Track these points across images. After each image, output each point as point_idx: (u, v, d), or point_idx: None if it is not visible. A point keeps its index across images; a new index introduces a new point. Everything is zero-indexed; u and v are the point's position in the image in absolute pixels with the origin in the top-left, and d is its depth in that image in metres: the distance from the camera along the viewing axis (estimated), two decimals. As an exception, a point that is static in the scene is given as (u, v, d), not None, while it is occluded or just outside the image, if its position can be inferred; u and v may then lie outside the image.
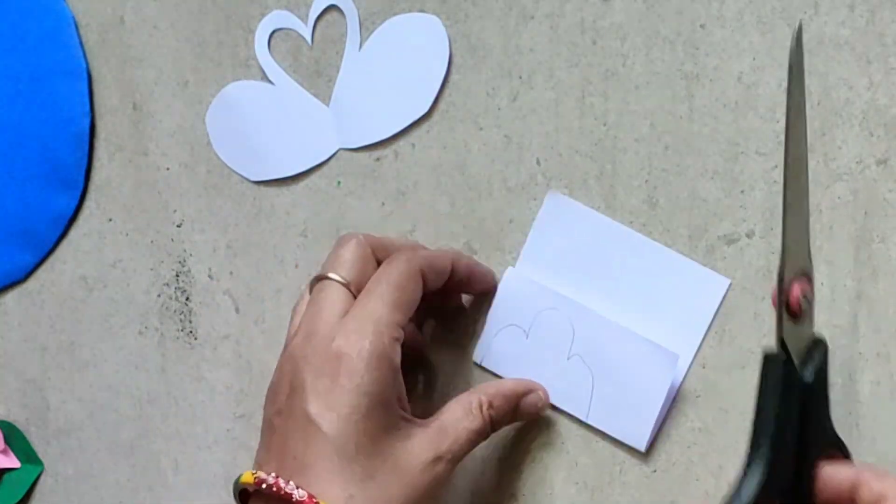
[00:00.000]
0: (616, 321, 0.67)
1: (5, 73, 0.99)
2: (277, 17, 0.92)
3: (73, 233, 1.00)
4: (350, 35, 0.90)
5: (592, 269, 0.69)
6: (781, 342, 0.57)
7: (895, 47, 0.77)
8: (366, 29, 0.90)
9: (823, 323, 0.79)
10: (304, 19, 0.92)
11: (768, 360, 0.60)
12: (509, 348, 0.70)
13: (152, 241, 0.97)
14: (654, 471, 0.83)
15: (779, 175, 0.80)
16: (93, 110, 0.98)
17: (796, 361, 0.57)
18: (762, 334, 0.81)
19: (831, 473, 0.59)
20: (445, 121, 0.88)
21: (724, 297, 0.67)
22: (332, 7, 0.91)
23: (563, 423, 0.85)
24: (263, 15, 0.92)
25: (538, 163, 0.85)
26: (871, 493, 0.57)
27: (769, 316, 0.80)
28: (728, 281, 0.63)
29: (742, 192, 0.81)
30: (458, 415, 0.70)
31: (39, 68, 0.98)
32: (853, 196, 0.78)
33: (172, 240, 0.97)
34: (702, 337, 0.63)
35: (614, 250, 0.70)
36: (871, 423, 0.79)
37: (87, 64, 0.98)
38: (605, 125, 0.84)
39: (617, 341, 0.68)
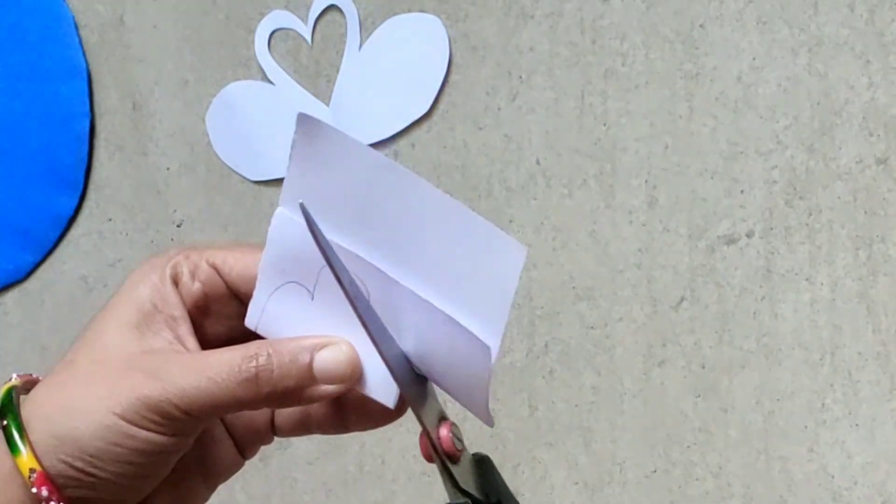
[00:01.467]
0: (411, 288, 0.51)
1: (5, 73, 0.99)
2: (277, 17, 0.92)
3: (73, 232, 0.99)
4: (350, 35, 0.90)
5: (372, 217, 0.52)
6: (458, 489, 0.52)
7: (895, 47, 0.77)
8: (366, 29, 0.90)
9: (823, 323, 0.79)
10: (304, 19, 0.91)
11: None
12: (291, 311, 0.52)
13: (152, 241, 0.97)
14: (654, 471, 0.83)
15: (779, 175, 0.80)
16: (92, 110, 0.98)
17: (479, 496, 0.53)
18: (762, 334, 0.81)
19: None
20: (445, 121, 0.88)
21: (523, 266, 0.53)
22: (332, 7, 0.91)
23: (562, 423, 0.85)
24: (263, 15, 0.92)
25: (538, 162, 0.85)
26: None
27: (769, 316, 0.81)
28: (525, 249, 0.49)
29: (742, 191, 0.81)
30: (225, 362, 0.49)
31: (39, 68, 0.98)
32: (853, 196, 0.78)
33: (172, 239, 0.97)
34: (506, 318, 0.51)
35: (395, 196, 0.52)
36: (870, 423, 0.79)
37: (86, 64, 0.98)
38: (604, 125, 0.84)
39: (417, 314, 0.51)
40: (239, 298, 0.52)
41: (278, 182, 0.93)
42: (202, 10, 0.95)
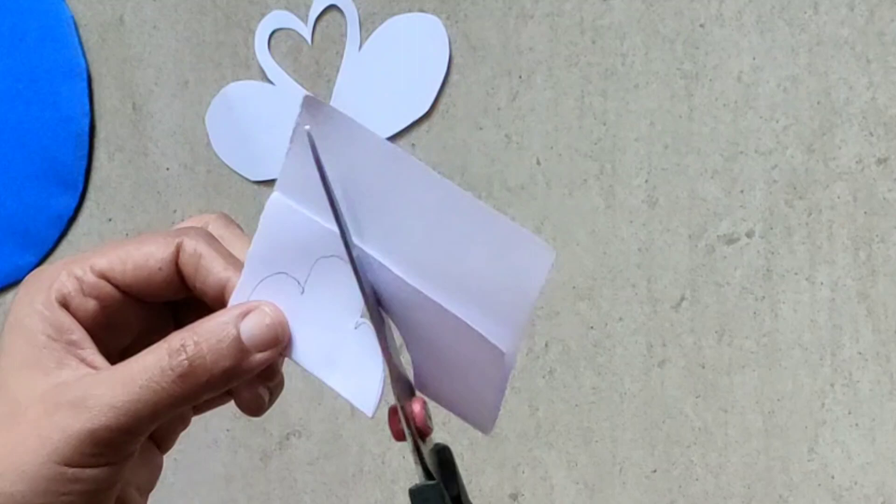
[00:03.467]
0: (418, 287, 0.48)
1: (5, 73, 0.99)
2: (277, 17, 0.92)
3: (73, 233, 0.99)
4: (350, 35, 0.90)
5: (381, 212, 0.49)
6: (426, 470, 0.48)
7: (894, 47, 0.77)
8: (366, 29, 0.90)
9: (824, 323, 0.79)
10: (304, 19, 0.91)
11: (421, 493, 0.49)
12: (278, 302, 0.49)
13: (152, 241, 0.97)
14: (654, 471, 0.83)
15: (779, 175, 0.80)
16: (92, 110, 0.98)
17: (440, 482, 0.50)
18: (762, 334, 0.81)
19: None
20: (445, 120, 0.88)
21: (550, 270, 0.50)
22: (331, 7, 0.91)
23: (562, 423, 0.85)
24: (263, 15, 0.92)
25: (538, 162, 0.85)
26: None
27: (769, 316, 0.81)
28: (553, 252, 0.47)
29: (742, 191, 0.81)
30: (149, 365, 0.45)
31: (39, 68, 0.98)
32: (853, 196, 0.78)
33: (172, 240, 0.97)
34: (526, 324, 0.47)
35: (408, 190, 0.48)
36: (870, 423, 0.79)
37: (86, 64, 0.98)
38: (604, 124, 0.84)
39: (426, 315, 0.49)
40: (140, 299, 0.47)
41: (278, 182, 0.93)
42: (202, 11, 0.95)
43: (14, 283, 1.01)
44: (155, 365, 0.44)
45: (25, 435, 0.44)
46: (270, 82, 0.92)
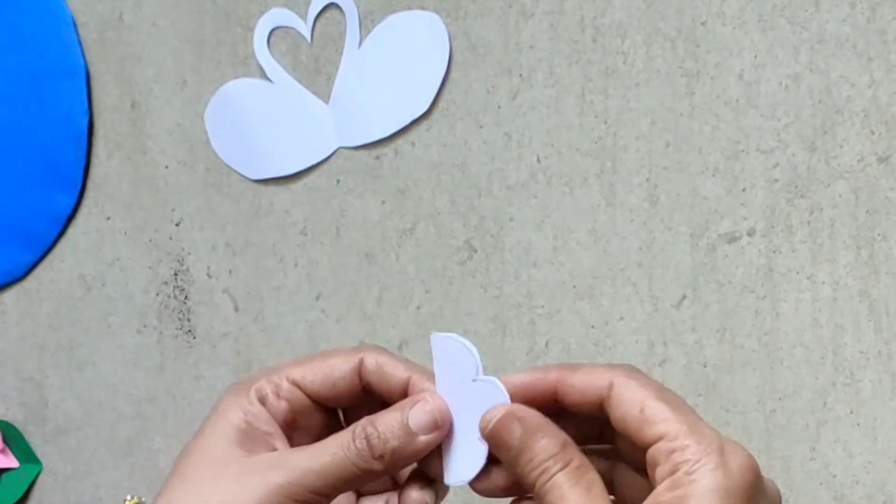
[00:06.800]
0: None
1: (4, 73, 0.99)
2: (277, 15, 0.92)
3: (72, 231, 0.99)
4: (349, 33, 0.90)
5: None
6: None
7: (897, 45, 0.77)
8: (365, 27, 0.90)
9: (825, 322, 0.79)
10: (303, 17, 0.91)
11: None
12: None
13: (151, 240, 0.97)
14: (655, 470, 0.83)
15: (780, 173, 0.80)
16: (91, 109, 0.98)
17: None
18: (763, 333, 0.81)
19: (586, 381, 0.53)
20: (445, 119, 0.88)
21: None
22: (331, 5, 0.90)
23: (563, 422, 0.85)
24: (263, 13, 0.92)
25: (538, 161, 0.85)
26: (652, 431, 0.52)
27: (770, 315, 0.80)
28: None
29: (743, 189, 0.80)
30: (339, 441, 0.55)
31: (38, 68, 0.98)
32: (854, 194, 0.78)
33: (171, 238, 0.96)
34: None
35: None
36: (872, 422, 0.79)
37: (85, 63, 0.97)
38: (605, 123, 0.84)
39: None
40: (323, 407, 0.57)
41: (277, 180, 0.93)
42: (201, 9, 0.94)
43: (13, 281, 1.01)
44: (341, 440, 0.54)
45: (228, 484, 0.53)
46: (269, 80, 0.92)
